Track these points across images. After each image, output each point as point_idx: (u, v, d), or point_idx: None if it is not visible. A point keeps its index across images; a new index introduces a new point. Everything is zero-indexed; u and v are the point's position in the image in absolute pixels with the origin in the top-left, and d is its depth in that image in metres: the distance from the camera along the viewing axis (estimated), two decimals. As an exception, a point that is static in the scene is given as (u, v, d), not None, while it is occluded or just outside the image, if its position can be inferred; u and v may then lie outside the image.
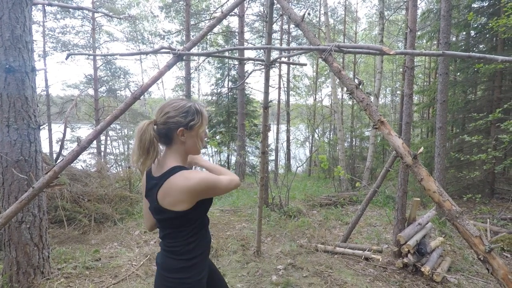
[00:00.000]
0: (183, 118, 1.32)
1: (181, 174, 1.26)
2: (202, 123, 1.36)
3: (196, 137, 1.37)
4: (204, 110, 1.39)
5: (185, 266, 1.34)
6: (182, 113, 1.32)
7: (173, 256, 1.36)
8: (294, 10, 2.25)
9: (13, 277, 3.00)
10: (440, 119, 5.41)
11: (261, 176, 4.12)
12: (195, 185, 1.23)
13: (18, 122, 2.92)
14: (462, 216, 1.33)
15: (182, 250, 1.35)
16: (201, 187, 1.25)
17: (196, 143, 1.38)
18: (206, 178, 1.27)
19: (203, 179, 1.25)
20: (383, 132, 1.60)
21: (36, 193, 2.02)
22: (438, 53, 1.69)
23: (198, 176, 1.25)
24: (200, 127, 1.36)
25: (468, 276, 3.70)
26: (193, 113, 1.34)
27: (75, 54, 3.37)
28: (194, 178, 1.24)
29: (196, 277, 1.36)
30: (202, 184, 1.25)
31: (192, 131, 1.34)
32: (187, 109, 1.33)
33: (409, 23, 4.03)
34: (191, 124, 1.33)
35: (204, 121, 1.38)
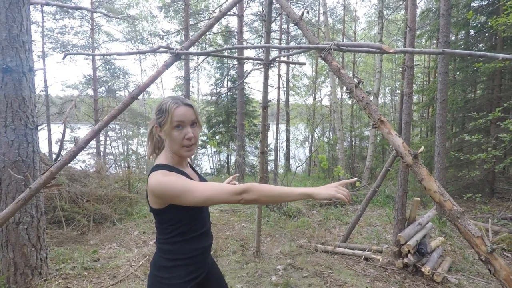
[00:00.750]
0: (157, 116, 1.34)
1: (155, 173, 1.27)
2: (167, 121, 1.28)
3: (169, 135, 1.31)
4: (175, 107, 1.29)
5: (166, 265, 1.33)
6: (157, 111, 1.34)
7: (158, 253, 1.38)
8: (293, 9, 2.23)
9: (11, 278, 2.99)
10: (440, 118, 5.40)
11: (260, 176, 4.10)
12: (153, 187, 1.23)
13: (16, 122, 2.91)
14: (463, 216, 1.31)
15: (166, 248, 1.34)
16: (158, 192, 1.22)
17: (172, 141, 1.32)
18: (161, 183, 1.21)
19: (160, 184, 1.21)
20: (383, 131, 1.58)
21: (33, 193, 1.99)
22: (438, 51, 1.67)
23: (159, 180, 1.22)
24: (166, 124, 1.29)
25: (468, 276, 3.68)
26: (163, 111, 1.31)
27: (73, 54, 3.35)
28: (155, 181, 1.23)
29: (176, 279, 1.32)
30: (158, 190, 1.22)
31: (164, 128, 1.30)
32: (160, 107, 1.33)
33: (408, 22, 4.02)
34: (159, 121, 1.32)
35: (170, 118, 1.28)
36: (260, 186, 1.18)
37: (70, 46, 14.62)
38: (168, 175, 1.24)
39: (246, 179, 12.68)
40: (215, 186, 1.19)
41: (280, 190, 1.18)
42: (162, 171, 1.27)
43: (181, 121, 1.29)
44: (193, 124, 1.33)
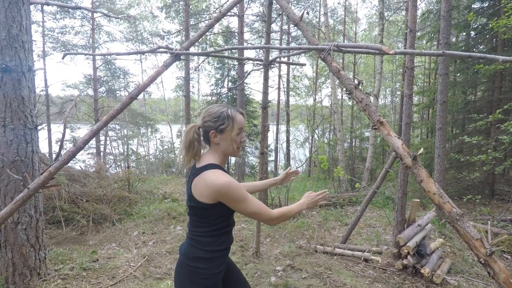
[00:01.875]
0: (213, 122, 1.47)
1: (214, 172, 1.41)
2: (233, 127, 1.48)
3: (228, 140, 1.49)
4: (238, 115, 1.51)
5: (204, 257, 1.44)
6: (214, 118, 1.48)
7: (195, 245, 1.47)
8: (293, 9, 2.22)
9: (9, 278, 2.98)
10: (440, 120, 5.39)
11: (260, 177, 4.09)
12: (218, 187, 1.36)
13: (15, 122, 2.90)
14: (463, 219, 1.30)
15: (205, 240, 1.45)
16: (221, 192, 1.36)
17: (229, 145, 1.50)
18: (230, 187, 1.36)
19: (227, 185, 1.36)
20: (382, 133, 1.58)
21: (32, 193, 1.99)
22: (438, 53, 1.66)
23: (224, 180, 1.36)
24: (231, 130, 1.48)
25: (468, 278, 3.67)
26: (224, 118, 1.47)
27: (72, 53, 3.35)
28: (220, 181, 1.36)
29: (213, 270, 1.45)
30: (224, 190, 1.36)
31: (223, 134, 1.47)
32: (219, 114, 1.48)
33: (409, 23, 4.01)
34: (221, 128, 1.47)
35: (236, 125, 1.49)
36: (285, 212, 1.51)
37: (70, 46, 14.63)
38: (232, 179, 1.39)
39: (246, 179, 12.68)
40: (262, 206, 1.43)
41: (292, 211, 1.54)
42: (220, 171, 1.42)
43: (242, 128, 1.52)
44: (244, 130, 1.56)
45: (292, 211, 1.53)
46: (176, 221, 5.69)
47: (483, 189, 7.89)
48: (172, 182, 10.44)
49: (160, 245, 4.54)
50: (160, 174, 15.82)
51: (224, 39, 17.03)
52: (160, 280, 3.40)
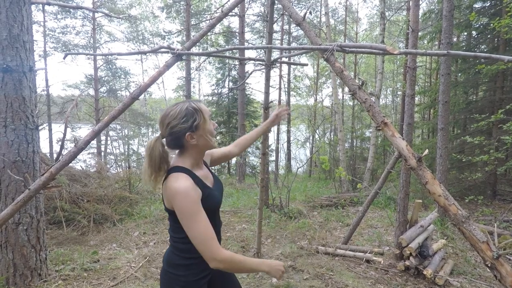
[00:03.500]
0: (185, 123, 1.32)
1: (176, 175, 1.29)
2: (205, 119, 1.36)
3: (205, 134, 1.37)
4: (201, 105, 1.38)
5: (182, 263, 1.37)
6: (181, 118, 1.32)
7: (174, 251, 1.40)
8: (295, 9, 2.21)
9: (10, 279, 2.97)
10: (442, 120, 5.37)
11: (261, 178, 4.08)
12: (171, 191, 1.26)
13: (16, 122, 2.89)
14: (469, 221, 1.29)
15: (181, 246, 1.36)
16: (172, 197, 1.26)
17: (207, 139, 1.38)
18: (181, 194, 1.24)
19: (178, 191, 1.24)
20: (387, 134, 1.56)
21: (32, 194, 1.98)
22: (442, 53, 1.65)
23: (178, 185, 1.25)
24: (204, 123, 1.35)
25: (470, 280, 3.65)
26: (192, 114, 1.34)
27: (73, 53, 3.35)
28: (174, 184, 1.26)
29: (190, 277, 1.36)
30: (173, 195, 1.25)
31: (199, 130, 1.35)
32: (185, 112, 1.33)
33: (411, 23, 3.99)
34: (195, 125, 1.34)
35: (206, 115, 1.37)
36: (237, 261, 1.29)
37: (71, 45, 14.64)
38: (189, 187, 1.26)
39: (247, 180, 12.66)
40: (210, 237, 1.25)
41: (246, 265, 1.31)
42: (183, 175, 1.30)
43: (210, 114, 1.41)
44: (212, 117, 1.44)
45: (246, 264, 1.31)
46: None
47: (485, 189, 7.86)
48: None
49: (161, 246, 4.53)
50: (161, 174, 15.76)
51: (225, 39, 17.03)
52: (161, 281, 3.39)
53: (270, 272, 1.36)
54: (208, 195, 1.36)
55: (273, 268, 1.36)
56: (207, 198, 1.33)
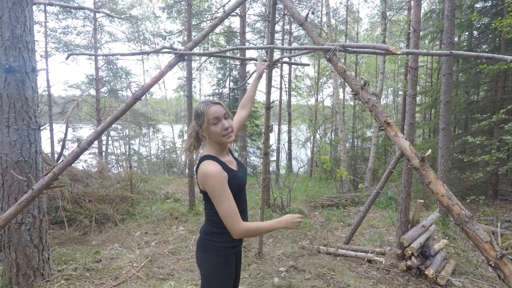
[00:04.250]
0: (195, 121, 1.65)
1: (206, 162, 1.56)
2: (204, 121, 1.59)
3: (210, 132, 1.60)
4: (209, 108, 1.60)
5: (217, 232, 1.61)
6: (194, 116, 1.66)
7: (209, 223, 1.66)
8: (298, 9, 2.21)
9: (13, 279, 2.98)
10: (443, 120, 5.36)
11: (263, 178, 4.08)
12: (203, 174, 1.52)
13: (18, 122, 2.90)
14: (472, 221, 1.29)
15: (215, 219, 1.59)
16: (205, 179, 1.51)
17: (214, 136, 1.61)
18: (212, 176, 1.50)
19: (210, 174, 1.50)
20: (389, 134, 1.57)
21: (36, 195, 1.99)
22: (445, 53, 1.65)
23: (209, 169, 1.51)
24: (206, 124, 1.59)
25: (472, 280, 3.65)
26: (198, 115, 1.63)
27: (76, 54, 3.35)
28: (206, 168, 1.52)
29: (224, 243, 1.61)
30: (205, 178, 1.51)
31: (204, 128, 1.61)
32: (195, 112, 1.65)
33: (412, 23, 3.99)
34: (199, 124, 1.62)
35: (208, 117, 1.58)
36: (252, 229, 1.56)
37: (72, 46, 14.65)
38: (218, 171, 1.51)
39: (248, 179, 12.65)
40: (234, 213, 1.51)
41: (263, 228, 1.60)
42: (211, 161, 1.55)
43: (216, 117, 1.58)
44: (226, 117, 1.63)
45: (263, 228, 1.59)
46: (179, 221, 5.68)
47: (487, 189, 7.85)
48: (174, 182, 10.45)
49: (163, 246, 4.54)
50: (162, 174, 15.83)
51: (225, 39, 17.02)
52: (163, 281, 3.40)
53: (287, 227, 1.59)
54: (234, 176, 1.60)
55: (289, 223, 1.59)
56: (233, 179, 1.58)
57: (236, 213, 1.51)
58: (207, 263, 1.63)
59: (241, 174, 1.71)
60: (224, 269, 1.63)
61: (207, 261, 1.63)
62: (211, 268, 1.62)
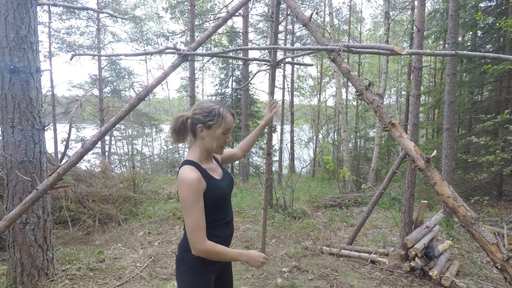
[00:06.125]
0: (203, 117, 1.49)
1: (186, 168, 1.46)
2: (220, 125, 1.49)
3: (213, 137, 1.50)
4: (228, 115, 1.52)
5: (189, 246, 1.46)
6: (204, 112, 1.49)
7: (184, 234, 1.55)
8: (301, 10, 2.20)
9: (17, 278, 2.99)
10: (447, 120, 5.33)
11: (266, 178, 4.07)
12: (179, 180, 1.42)
13: (23, 123, 2.91)
14: (478, 223, 1.28)
15: None
16: (179, 185, 1.42)
17: (213, 143, 1.51)
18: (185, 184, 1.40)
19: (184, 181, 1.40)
20: (394, 135, 1.56)
21: (40, 195, 1.99)
22: (450, 53, 1.64)
23: (185, 176, 1.41)
24: (217, 128, 1.49)
25: (477, 281, 3.63)
26: (214, 115, 1.49)
27: (80, 54, 3.36)
28: (183, 175, 1.42)
29: (199, 259, 1.47)
30: (180, 184, 1.41)
31: (210, 130, 1.49)
32: (211, 110, 1.50)
33: (416, 23, 3.97)
34: (209, 124, 1.48)
35: (224, 124, 1.50)
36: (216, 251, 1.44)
37: (76, 46, 14.72)
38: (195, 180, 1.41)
39: (250, 180, 12.66)
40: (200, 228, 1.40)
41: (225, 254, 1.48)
42: (191, 167, 1.46)
43: (229, 128, 1.53)
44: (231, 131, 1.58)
45: (226, 254, 1.47)
46: (181, 221, 5.69)
47: (491, 190, 7.80)
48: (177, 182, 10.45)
49: (166, 246, 4.55)
50: (164, 174, 15.86)
51: (228, 39, 17.04)
52: (167, 281, 3.40)
53: (248, 262, 1.50)
54: (214, 185, 1.49)
55: (251, 258, 1.49)
56: (212, 189, 1.47)
57: (203, 228, 1.41)
58: (181, 280, 1.53)
59: (224, 184, 1.59)
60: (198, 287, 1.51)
61: (181, 278, 1.53)
62: (184, 286, 1.52)
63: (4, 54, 2.82)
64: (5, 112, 2.88)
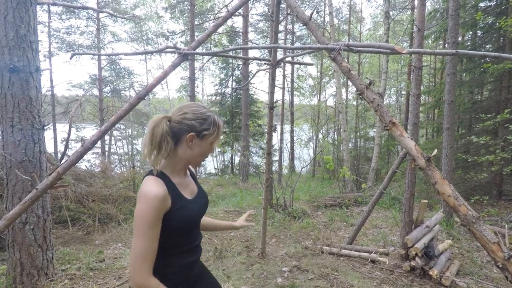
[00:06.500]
0: (199, 124, 1.26)
1: (150, 179, 1.21)
2: (216, 136, 1.31)
3: (203, 148, 1.29)
4: (221, 124, 1.34)
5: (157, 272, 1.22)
6: (200, 119, 1.27)
7: None
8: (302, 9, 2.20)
9: (17, 278, 2.99)
10: (447, 119, 5.33)
11: (266, 178, 4.07)
12: (138, 195, 1.17)
13: (22, 122, 2.91)
14: (479, 222, 1.27)
15: None
16: (137, 201, 1.16)
17: (200, 155, 1.30)
18: (143, 202, 1.14)
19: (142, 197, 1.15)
20: (395, 134, 1.55)
21: (40, 194, 1.99)
22: (451, 52, 1.63)
23: (146, 191, 1.16)
24: (213, 139, 1.30)
25: (477, 280, 3.63)
26: (210, 123, 1.29)
27: (80, 54, 3.36)
28: (143, 189, 1.17)
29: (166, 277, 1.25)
30: (138, 199, 1.16)
31: (203, 140, 1.28)
32: (206, 117, 1.28)
33: (416, 22, 3.97)
34: (204, 133, 1.27)
35: (219, 134, 1.33)
36: None
37: (76, 46, 14.71)
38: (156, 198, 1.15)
39: (251, 180, 12.66)
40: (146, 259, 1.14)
41: None
42: (157, 181, 1.21)
43: (219, 141, 1.34)
44: None
45: None
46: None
47: (491, 189, 7.80)
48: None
49: (166, 245, 4.54)
50: (164, 174, 15.80)
51: (228, 39, 17.05)
52: (167, 281, 3.40)
53: None
54: (182, 206, 1.24)
55: None
56: (178, 210, 1.22)
57: (149, 260, 1.15)
58: None
59: (195, 205, 1.33)
60: None
61: None
62: None
63: (4, 53, 2.81)
64: (4, 112, 2.87)
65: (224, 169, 19.34)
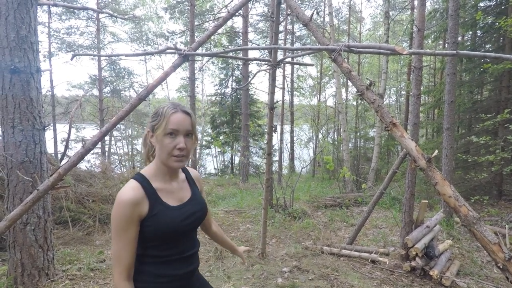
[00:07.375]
0: (152, 119, 1.22)
1: (129, 183, 1.18)
2: (160, 125, 1.17)
3: (160, 142, 1.18)
4: (173, 113, 1.18)
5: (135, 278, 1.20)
6: (153, 115, 1.23)
7: None
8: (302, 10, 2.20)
9: (18, 279, 2.99)
10: (447, 120, 5.34)
11: (266, 178, 4.08)
12: (115, 199, 1.14)
13: (23, 123, 2.91)
14: (480, 222, 1.28)
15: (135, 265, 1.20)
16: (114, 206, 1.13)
17: (163, 151, 1.18)
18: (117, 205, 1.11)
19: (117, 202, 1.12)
20: (395, 135, 1.56)
21: (41, 195, 1.99)
22: (451, 53, 1.64)
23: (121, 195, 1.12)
24: (159, 128, 1.17)
25: (477, 280, 3.63)
26: (156, 114, 1.20)
27: (80, 54, 3.37)
28: (119, 194, 1.13)
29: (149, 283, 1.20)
30: (113, 208, 1.13)
31: (156, 135, 1.18)
32: (157, 111, 1.21)
33: (416, 22, 3.97)
34: (152, 125, 1.20)
35: (165, 123, 1.16)
36: None
37: (76, 46, 14.73)
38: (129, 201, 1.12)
39: (251, 180, 12.67)
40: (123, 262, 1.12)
41: None
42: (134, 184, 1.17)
43: (175, 129, 1.17)
44: (188, 135, 1.21)
45: None
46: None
47: (491, 189, 7.81)
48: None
49: (166, 246, 4.54)
50: (164, 174, 15.80)
51: (228, 39, 17.06)
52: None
53: None
54: (158, 213, 1.16)
55: None
56: (155, 217, 1.15)
57: (123, 264, 1.12)
58: None
59: (179, 214, 1.22)
60: None
61: None
62: None
63: (5, 54, 2.82)
64: (5, 113, 2.88)
65: (224, 169, 19.36)
